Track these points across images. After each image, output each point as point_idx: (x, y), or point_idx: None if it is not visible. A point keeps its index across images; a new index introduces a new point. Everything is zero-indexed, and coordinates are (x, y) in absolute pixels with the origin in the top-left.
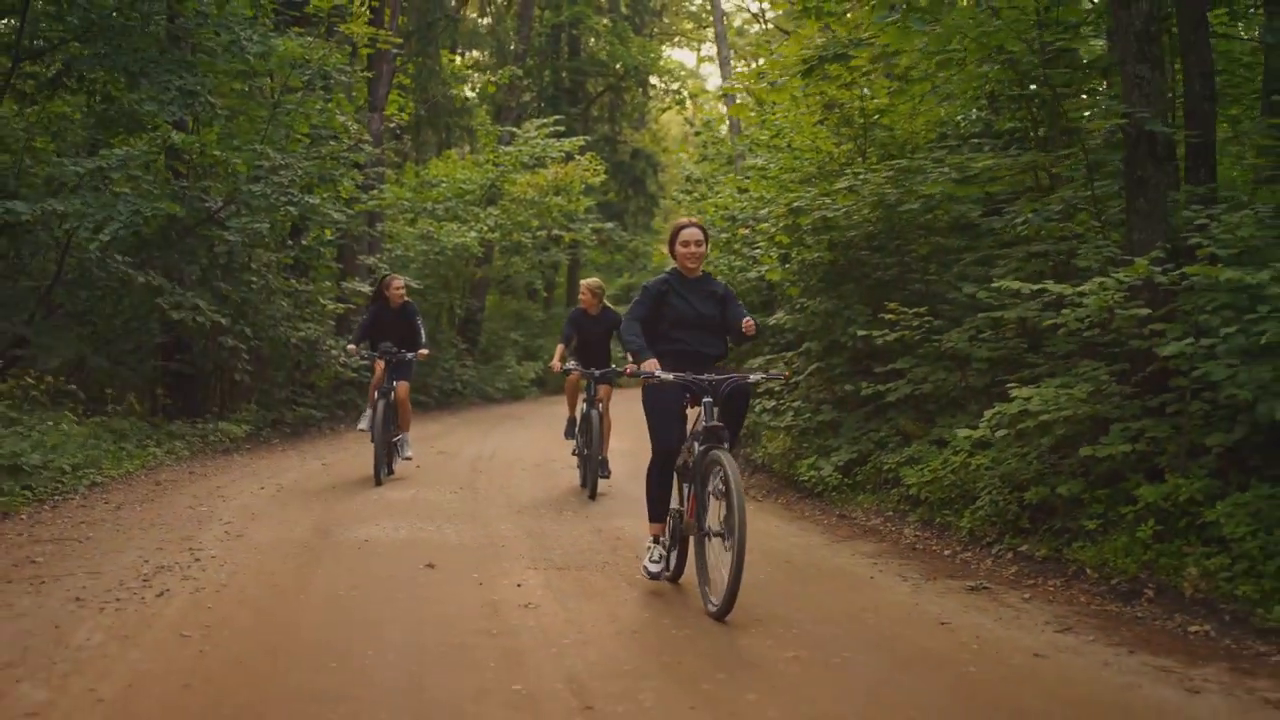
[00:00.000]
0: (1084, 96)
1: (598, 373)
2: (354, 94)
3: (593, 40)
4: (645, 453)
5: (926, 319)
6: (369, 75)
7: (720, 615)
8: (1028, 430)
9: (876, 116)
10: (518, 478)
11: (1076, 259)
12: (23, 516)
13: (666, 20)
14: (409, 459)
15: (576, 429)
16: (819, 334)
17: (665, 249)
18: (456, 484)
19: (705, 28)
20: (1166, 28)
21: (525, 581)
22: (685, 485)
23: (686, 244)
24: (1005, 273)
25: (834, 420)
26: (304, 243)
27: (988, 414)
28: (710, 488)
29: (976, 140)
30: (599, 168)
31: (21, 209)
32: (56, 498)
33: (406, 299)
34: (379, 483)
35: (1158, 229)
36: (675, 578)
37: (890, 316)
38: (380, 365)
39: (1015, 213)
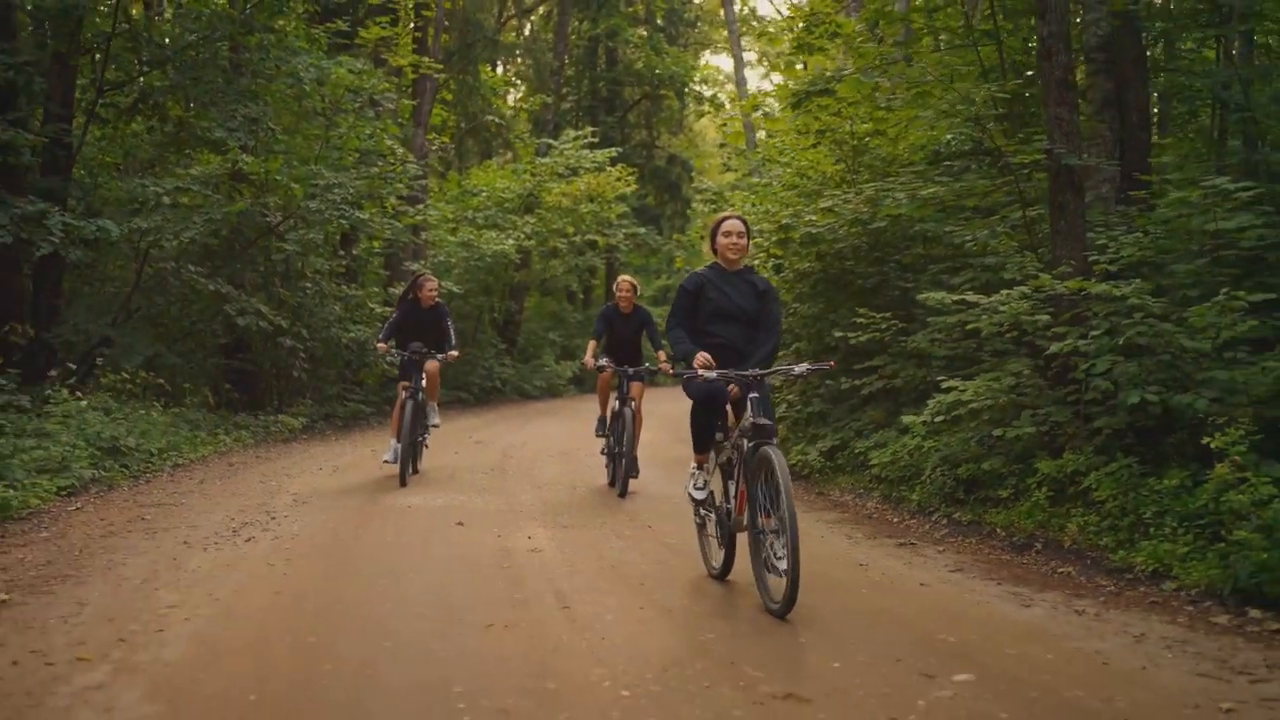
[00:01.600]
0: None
1: (631, 371)
2: (399, 117)
3: (629, 51)
4: (668, 448)
5: (893, 322)
6: (414, 103)
7: (782, 614)
8: (962, 417)
9: (866, 140)
10: (543, 463)
11: (1004, 272)
12: (124, 488)
13: (700, 30)
14: (436, 425)
15: (607, 427)
16: (810, 336)
17: (684, 258)
18: (488, 467)
19: (742, 35)
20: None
21: (535, 535)
22: (731, 483)
23: (728, 234)
24: (962, 282)
25: (821, 412)
26: (354, 252)
27: (930, 403)
28: (761, 487)
29: (949, 163)
30: (630, 177)
31: (112, 228)
32: (148, 475)
33: (438, 300)
34: (404, 483)
35: (1076, 247)
36: (723, 575)
37: (862, 320)
38: (402, 388)
39: (965, 231)
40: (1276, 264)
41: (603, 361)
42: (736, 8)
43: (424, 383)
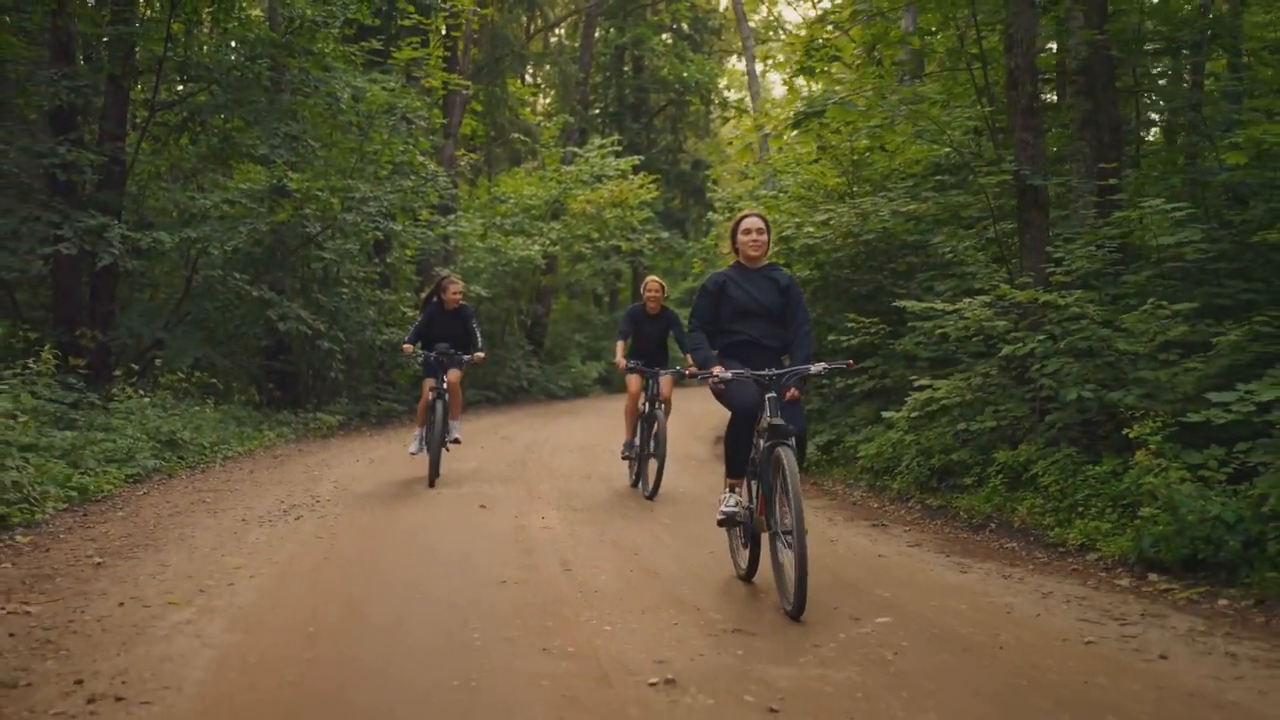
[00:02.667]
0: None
1: (662, 372)
2: (431, 131)
3: (654, 58)
4: (684, 444)
5: (881, 326)
6: (444, 122)
7: (795, 614)
8: (935, 413)
9: (865, 155)
10: (563, 456)
11: (975, 281)
12: (182, 476)
13: (725, 38)
14: (457, 441)
15: (640, 421)
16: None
17: (702, 264)
18: (511, 460)
19: (763, 42)
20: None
21: (547, 516)
22: (754, 482)
23: (748, 232)
24: (946, 290)
25: (821, 409)
26: (388, 260)
27: (908, 400)
28: (778, 487)
29: (941, 178)
30: (652, 184)
31: (165, 239)
32: (202, 466)
33: (463, 301)
34: (432, 485)
35: (1038, 259)
36: (749, 576)
37: (853, 324)
38: (428, 386)
39: (946, 243)
40: (1216, 275)
41: (633, 363)
42: (760, 14)
43: (445, 395)
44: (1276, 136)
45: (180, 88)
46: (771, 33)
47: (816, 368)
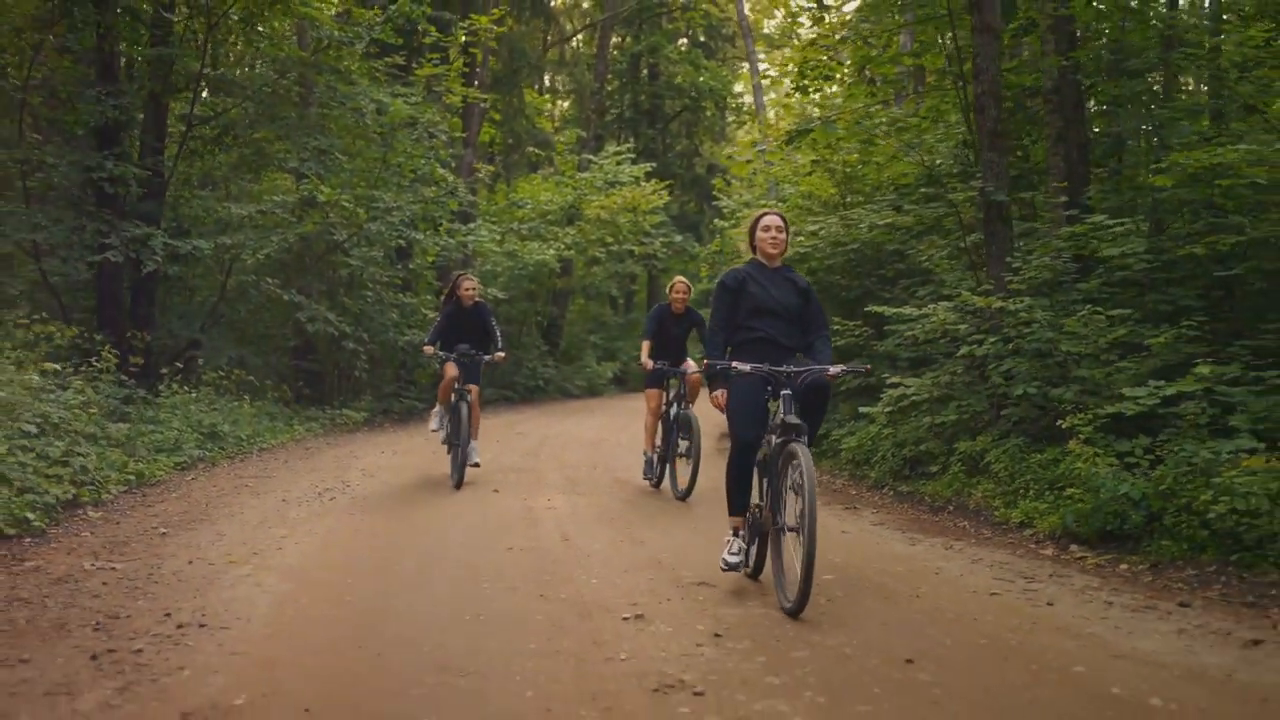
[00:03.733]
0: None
1: (689, 370)
2: (450, 139)
3: (669, 65)
4: None
5: (864, 329)
6: (463, 135)
7: (795, 612)
8: (907, 408)
9: (857, 168)
10: (572, 449)
11: (944, 288)
12: (224, 465)
13: (739, 45)
14: (477, 465)
15: (672, 420)
16: None
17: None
18: (524, 452)
19: (776, 48)
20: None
21: (553, 499)
22: (764, 479)
23: (767, 229)
24: (924, 295)
25: None
26: (410, 265)
27: (884, 397)
28: (788, 483)
29: (925, 189)
30: (663, 190)
31: (205, 246)
32: (241, 456)
33: (479, 299)
34: (458, 487)
35: (1002, 268)
36: (755, 574)
37: (838, 328)
38: (451, 368)
39: (923, 252)
40: (1157, 284)
41: (660, 363)
42: (776, 18)
43: (468, 396)
44: (1198, 162)
45: (215, 102)
46: (787, 37)
47: (835, 369)
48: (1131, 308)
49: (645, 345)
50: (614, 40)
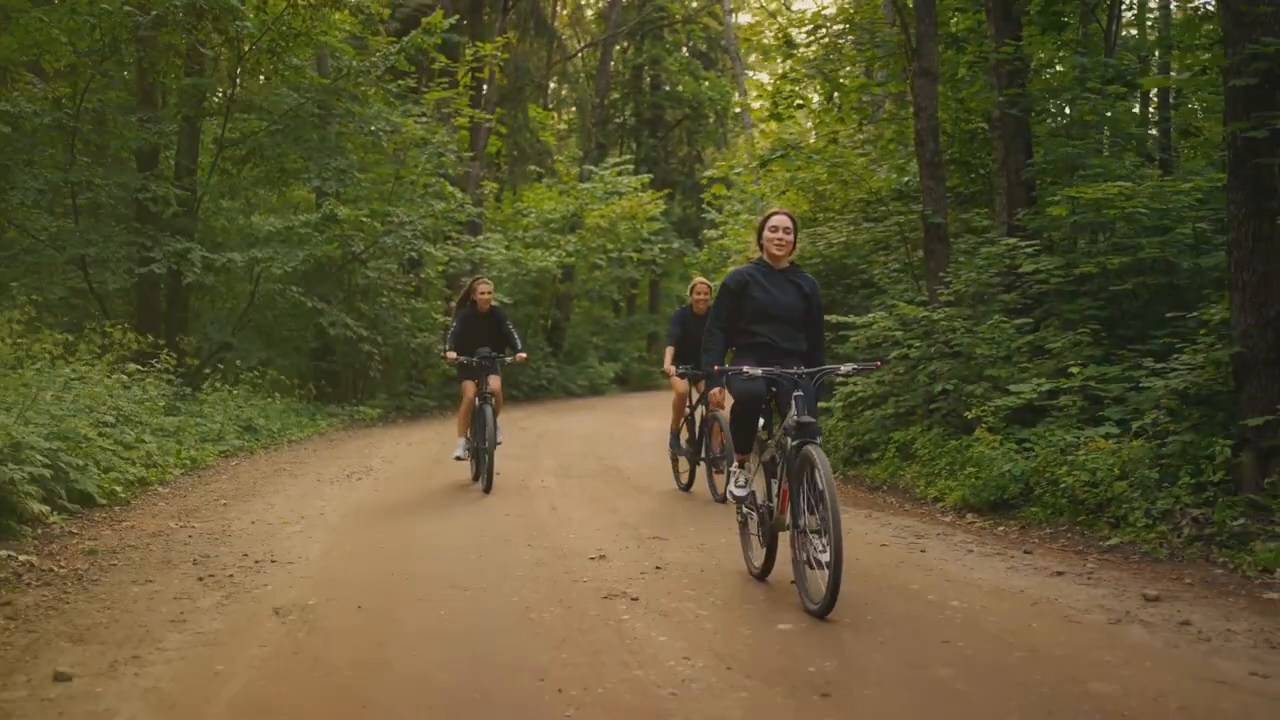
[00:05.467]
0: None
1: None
2: (459, 156)
3: (671, 76)
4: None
5: (827, 334)
6: (470, 155)
7: (822, 614)
8: (855, 404)
9: (829, 186)
10: (569, 442)
11: (889, 298)
12: (260, 454)
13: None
14: (499, 443)
15: (700, 426)
16: None
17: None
18: (525, 443)
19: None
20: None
21: (547, 480)
22: (774, 481)
23: (775, 229)
24: (879, 305)
25: None
26: (421, 275)
27: (835, 394)
28: (804, 485)
29: (885, 207)
30: (660, 199)
31: (238, 258)
32: (274, 446)
33: (494, 303)
34: (487, 491)
35: (937, 281)
36: (764, 575)
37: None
38: (469, 389)
39: (874, 266)
40: (1066, 296)
41: (684, 368)
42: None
43: (491, 400)
44: (1089, 195)
45: (244, 123)
46: (778, 54)
47: (845, 368)
48: (1054, 316)
49: (668, 351)
50: (616, 50)
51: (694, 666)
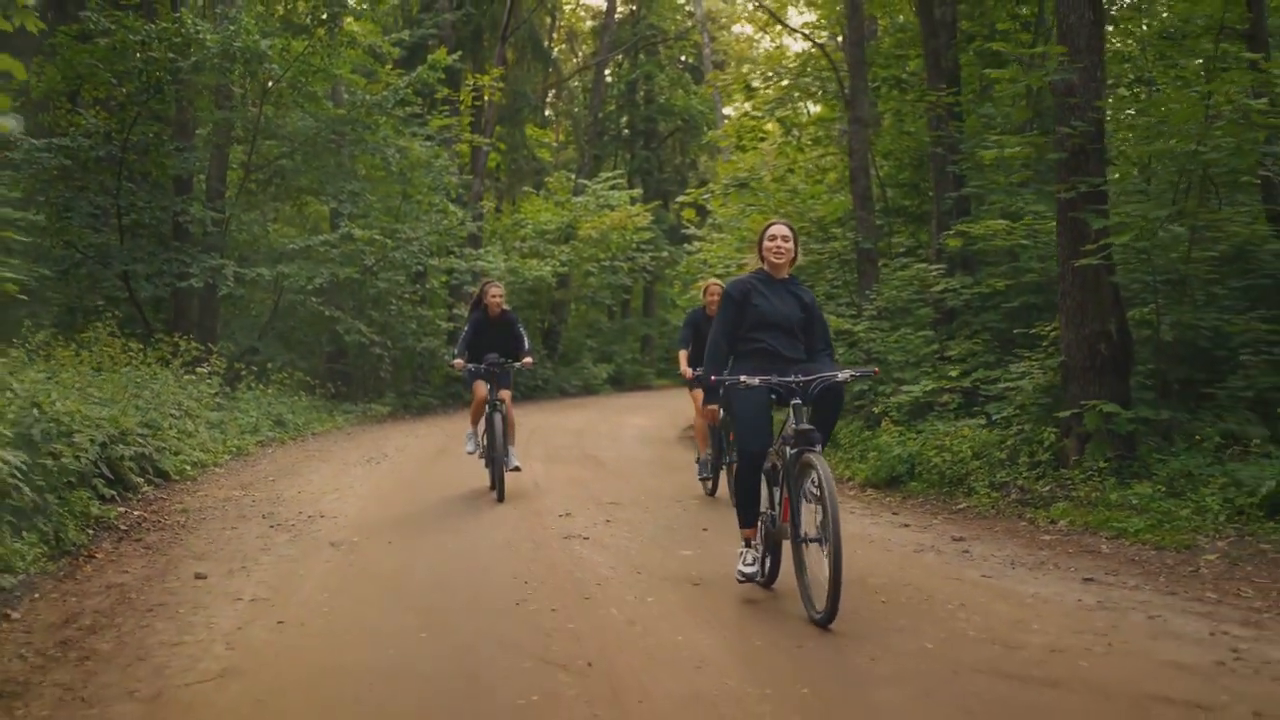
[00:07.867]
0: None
1: (727, 380)
2: (462, 181)
3: (663, 90)
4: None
5: None
6: (471, 177)
7: (825, 622)
8: None
9: (785, 210)
10: (559, 436)
11: (827, 312)
12: (290, 444)
13: (729, 71)
14: (517, 469)
15: (708, 464)
16: None
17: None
18: (519, 437)
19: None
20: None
21: (534, 467)
22: (776, 489)
23: (774, 238)
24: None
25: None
26: (426, 285)
27: None
28: (804, 492)
29: (833, 230)
30: (647, 212)
31: (266, 273)
32: (300, 438)
33: (505, 307)
34: (501, 499)
35: (865, 298)
36: (769, 583)
37: None
38: (481, 388)
39: (823, 281)
40: (971, 310)
41: (699, 371)
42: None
43: (501, 407)
44: (982, 229)
45: (268, 148)
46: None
47: (844, 374)
48: (965, 326)
49: (682, 355)
50: (610, 68)
51: (615, 571)
